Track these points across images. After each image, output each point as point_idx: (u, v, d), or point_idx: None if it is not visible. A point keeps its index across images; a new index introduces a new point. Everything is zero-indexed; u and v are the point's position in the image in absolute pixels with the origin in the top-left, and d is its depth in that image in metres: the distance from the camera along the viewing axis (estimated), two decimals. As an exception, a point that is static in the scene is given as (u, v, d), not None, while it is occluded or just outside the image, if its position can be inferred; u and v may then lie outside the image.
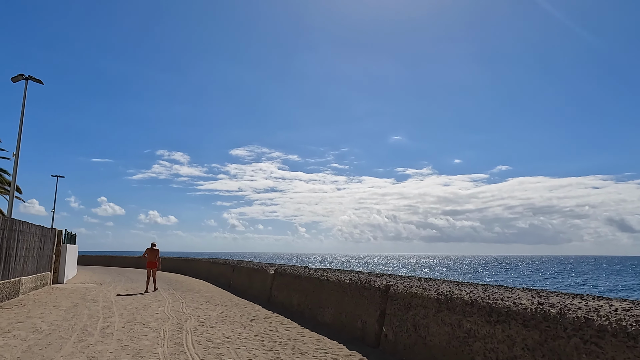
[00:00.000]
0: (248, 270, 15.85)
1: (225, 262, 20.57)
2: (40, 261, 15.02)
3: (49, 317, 9.43)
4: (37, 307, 10.85)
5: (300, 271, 11.00)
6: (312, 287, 9.58)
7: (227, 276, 18.79)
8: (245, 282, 15.73)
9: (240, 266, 17.29)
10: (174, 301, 12.81)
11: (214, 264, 22.83)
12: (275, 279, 12.41)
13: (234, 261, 19.94)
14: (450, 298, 5.31)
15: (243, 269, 16.66)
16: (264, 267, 14.28)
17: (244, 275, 16.15)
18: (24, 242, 12.78)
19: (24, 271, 13.06)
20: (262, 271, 13.86)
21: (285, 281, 11.49)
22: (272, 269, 13.15)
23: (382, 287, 6.91)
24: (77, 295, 13.80)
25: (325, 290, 8.87)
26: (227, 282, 18.44)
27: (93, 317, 9.51)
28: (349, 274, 9.16)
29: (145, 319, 9.39)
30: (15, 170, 15.05)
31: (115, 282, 20.29)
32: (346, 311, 7.83)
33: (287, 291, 11.15)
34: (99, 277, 23.82)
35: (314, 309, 9.20)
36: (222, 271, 20.42)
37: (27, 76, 15.63)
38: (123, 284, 18.90)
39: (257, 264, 15.91)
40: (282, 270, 12.22)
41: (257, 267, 14.84)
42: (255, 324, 9.05)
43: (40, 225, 14.47)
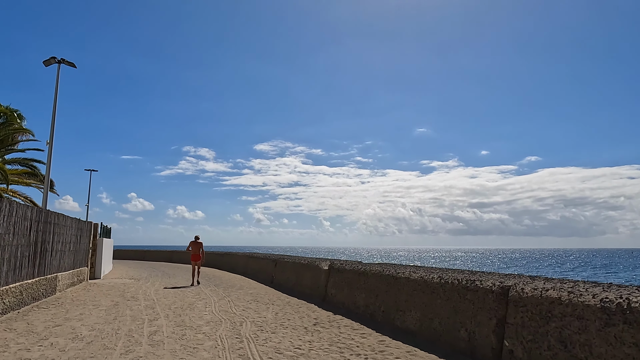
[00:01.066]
0: (294, 265, 14.64)
1: (266, 257, 19.46)
2: (77, 256, 14.21)
3: (89, 319, 8.41)
4: (75, 307, 9.90)
5: (363, 267, 9.67)
6: (385, 285, 8.23)
7: (269, 272, 17.66)
8: (292, 278, 14.53)
9: (284, 261, 16.11)
10: (219, 299, 11.71)
11: (252, 259, 21.79)
12: (331, 275, 11.12)
13: (275, 255, 18.80)
14: (628, 307, 3.86)
15: (287, 264, 15.47)
16: (314, 262, 13.02)
17: (290, 270, 14.96)
18: (59, 235, 11.91)
19: (61, 267, 12.21)
20: (313, 267, 12.61)
21: (345, 278, 10.19)
22: (326, 264, 11.88)
23: (496, 289, 5.49)
24: (116, 293, 12.89)
25: (405, 290, 7.50)
26: (269, 278, 17.32)
27: (137, 319, 8.44)
28: (431, 270, 7.76)
29: (194, 321, 8.26)
30: (50, 159, 14.28)
31: (152, 277, 19.50)
32: (439, 317, 6.44)
33: (348, 290, 9.85)
34: (135, 272, 23.17)
35: (390, 311, 7.86)
36: (261, 266, 19.32)
37: (59, 59, 14.83)
38: (160, 280, 18.05)
39: (304, 259, 14.68)
40: (338, 265, 10.92)
41: (306, 262, 13.60)
42: (321, 328, 7.78)
43: (76, 217, 13.65)
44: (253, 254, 22.66)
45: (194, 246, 16.32)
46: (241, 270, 22.85)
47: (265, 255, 20.14)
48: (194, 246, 16.32)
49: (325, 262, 12.27)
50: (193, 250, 16.22)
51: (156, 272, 23.27)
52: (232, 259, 25.93)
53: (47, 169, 14.48)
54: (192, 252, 16.20)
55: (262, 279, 18.11)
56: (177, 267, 29.24)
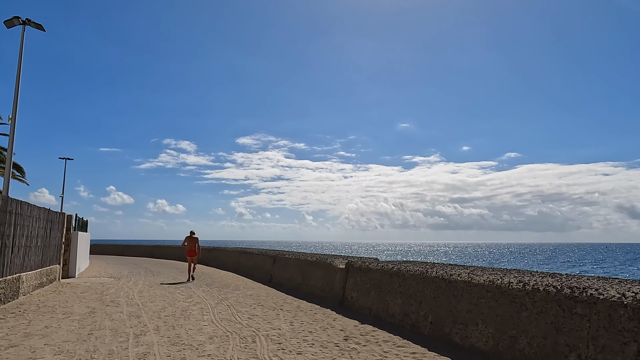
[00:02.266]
0: (299, 263, 12.95)
1: (261, 253, 17.71)
2: (46, 252, 12.23)
3: (56, 334, 6.57)
4: (40, 316, 8.02)
5: (396, 266, 8.05)
6: (433, 290, 6.64)
7: (266, 269, 15.95)
8: (295, 277, 12.84)
9: (285, 257, 14.41)
10: (216, 303, 9.97)
11: (245, 254, 20.01)
12: (350, 275, 9.48)
13: (273, 251, 17.06)
14: None
15: (290, 261, 13.77)
16: (324, 259, 11.37)
17: (293, 268, 13.27)
18: (23, 228, 9.95)
19: (25, 265, 10.26)
20: (325, 265, 10.95)
21: (370, 279, 8.56)
22: (342, 262, 10.23)
23: (633, 303, 3.93)
24: (93, 295, 10.99)
25: (466, 298, 5.92)
26: (266, 276, 15.60)
27: (119, 333, 6.64)
28: (501, 272, 6.19)
29: (193, 336, 6.52)
30: (12, 136, 12.13)
31: (134, 275, 17.55)
32: (528, 335, 4.87)
33: (377, 293, 8.22)
34: (115, 269, 21.12)
35: (442, 323, 6.27)
36: (256, 263, 17.58)
37: (24, 20, 12.65)
38: (144, 278, 16.14)
39: (310, 255, 13.00)
40: (360, 264, 9.28)
41: (314, 259, 11.93)
42: (356, 345, 6.14)
43: (45, 207, 11.65)
44: (245, 249, 20.87)
45: (190, 241, 16.09)
46: (232, 267, 21.06)
47: (260, 251, 18.39)
48: (189, 241, 16.09)
49: (340, 260, 10.63)
50: (189, 246, 16.00)
51: (138, 269, 21.27)
52: (221, 254, 24.08)
53: (10, 148, 12.37)
54: (188, 247, 15.99)
55: (258, 278, 16.38)
56: (160, 263, 27.22)
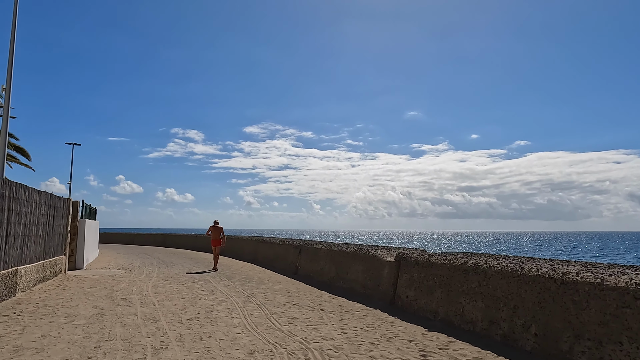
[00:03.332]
0: (331, 254, 11.50)
1: (283, 242, 16.29)
2: (50, 242, 10.90)
3: (53, 348, 5.16)
4: (38, 320, 6.64)
5: (471, 260, 6.55)
6: (536, 293, 5.13)
7: (290, 260, 14.54)
8: (328, 270, 11.41)
9: (313, 247, 12.97)
10: (244, 301, 8.57)
11: (264, 244, 18.63)
12: (403, 270, 7.99)
13: (298, 241, 15.62)
14: None
15: (320, 251, 12.32)
16: (366, 250, 9.90)
17: (324, 260, 11.82)
18: (21, 214, 8.59)
19: (24, 257, 8.91)
20: (367, 257, 9.48)
21: (433, 276, 7.06)
22: (390, 254, 8.75)
23: None
24: (102, 291, 9.64)
25: (595, 306, 4.41)
26: (291, 267, 14.20)
27: (134, 346, 5.24)
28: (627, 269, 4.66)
29: (228, 350, 5.09)
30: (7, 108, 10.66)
31: (147, 266, 16.25)
32: None
33: (443, 293, 6.73)
34: (125, 259, 19.87)
35: (556, 338, 4.77)
36: (278, 253, 16.19)
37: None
38: (157, 270, 14.83)
39: (346, 246, 11.54)
40: (416, 257, 7.79)
41: (352, 250, 10.46)
42: (443, 366, 4.68)
43: (46, 192, 10.27)
44: (264, 239, 19.49)
45: (214, 231, 15.81)
46: (249, 257, 19.71)
47: (281, 240, 16.98)
48: (214, 231, 15.82)
49: (386, 251, 9.16)
50: (213, 235, 15.76)
51: (150, 259, 20.01)
52: (236, 243, 22.74)
53: (4, 122, 10.88)
54: (213, 237, 15.77)
55: (281, 269, 14.99)
56: (172, 252, 26.00)
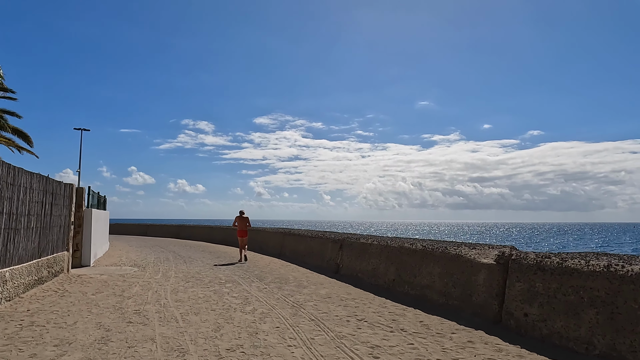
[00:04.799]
0: (388, 251, 9.38)
1: (317, 235, 14.22)
2: (47, 236, 8.96)
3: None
4: (14, 352, 4.66)
5: None
6: None
7: (328, 256, 12.49)
8: (385, 271, 9.30)
9: (359, 242, 10.87)
10: (292, 315, 6.53)
11: (292, 237, 16.61)
12: (515, 278, 5.83)
13: (339, 234, 13.50)
14: None
15: (371, 247, 10.21)
16: (444, 247, 7.76)
17: (378, 258, 9.72)
18: (3, 201, 6.61)
19: (9, 257, 6.95)
20: (448, 258, 7.35)
21: (580, 288, 4.90)
22: (487, 255, 6.61)
23: None
24: (110, 299, 7.67)
25: None
26: (329, 265, 12.15)
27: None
28: None
29: None
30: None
31: (162, 262, 14.35)
32: None
33: (601, 315, 4.59)
34: (138, 253, 18.01)
35: None
36: (311, 247, 14.15)
37: None
38: (174, 267, 12.90)
39: (410, 241, 9.40)
40: (538, 260, 5.63)
41: (422, 247, 8.33)
42: None
43: (40, 174, 8.29)
44: (291, 231, 17.47)
45: (240, 221, 15.26)
46: (274, 251, 17.74)
47: (315, 233, 14.91)
48: (240, 221, 15.26)
49: (479, 250, 7.01)
50: (240, 226, 15.24)
51: (165, 253, 18.14)
52: (258, 235, 20.76)
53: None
54: (239, 227, 15.25)
55: (316, 266, 12.94)
56: (188, 245, 24.16)
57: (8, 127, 17.63)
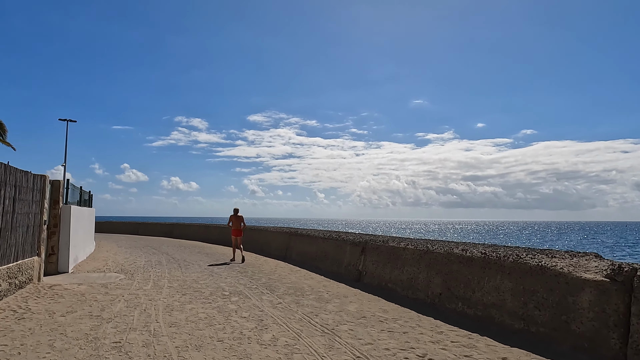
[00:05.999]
0: (427, 257, 7.68)
1: (331, 236, 12.48)
2: (5, 238, 7.16)
3: None
4: None
5: None
6: None
7: (345, 261, 10.80)
8: (426, 281, 7.62)
9: (388, 246, 9.16)
10: (328, 350, 4.83)
11: (299, 237, 14.89)
12: None
13: (360, 235, 11.75)
14: None
15: (405, 252, 8.51)
16: (514, 255, 6.09)
17: (413, 265, 8.02)
18: None
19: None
20: (526, 269, 5.67)
21: None
22: (592, 269, 4.94)
23: None
24: (83, 323, 5.90)
25: None
26: (349, 271, 10.46)
27: None
28: None
29: None
30: None
31: (153, 266, 12.56)
32: None
33: None
34: (127, 255, 16.19)
35: None
36: (324, 250, 12.44)
37: None
38: (168, 273, 11.12)
39: (456, 244, 7.70)
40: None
41: (479, 254, 6.65)
42: None
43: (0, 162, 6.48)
44: (298, 231, 15.74)
45: (235, 220, 14.74)
46: (278, 254, 16.02)
47: (328, 234, 13.18)
48: (234, 220, 14.74)
49: (573, 260, 5.35)
50: (234, 225, 14.69)
51: (157, 255, 16.33)
52: (259, 235, 19.02)
53: None
54: (233, 226, 14.70)
55: (331, 273, 11.24)
56: (182, 245, 22.34)
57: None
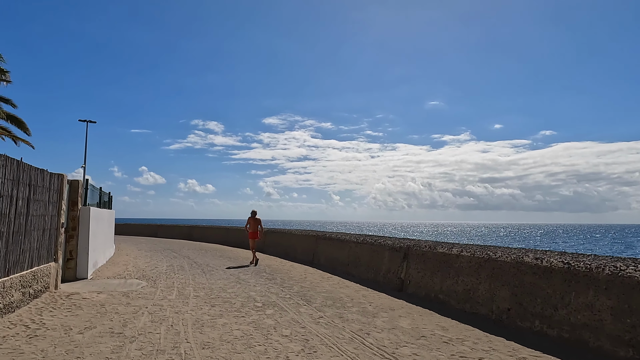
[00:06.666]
0: (488, 265, 6.70)
1: (365, 241, 11.54)
2: (22, 243, 6.45)
3: None
4: None
5: None
6: None
7: (384, 268, 9.87)
8: (487, 293, 6.65)
9: (436, 252, 8.19)
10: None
11: (328, 241, 14.00)
12: None
13: (399, 240, 10.77)
14: None
15: (459, 260, 7.53)
16: (608, 267, 5.10)
17: (471, 274, 7.05)
18: None
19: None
20: (633, 285, 4.68)
21: None
22: None
23: None
24: (103, 342, 5.09)
25: None
26: (389, 279, 9.53)
27: None
28: None
29: None
30: None
31: (176, 271, 11.83)
32: None
33: None
34: (148, 259, 15.54)
35: None
36: (357, 256, 11.53)
37: None
38: (192, 279, 10.36)
39: (528, 252, 6.71)
40: None
41: (556, 263, 5.65)
42: None
43: (5, 155, 5.76)
44: (326, 234, 14.86)
45: (253, 223, 14.60)
46: (304, 258, 15.16)
47: (360, 238, 12.25)
48: (252, 223, 14.60)
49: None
50: (252, 228, 14.60)
51: (179, 259, 15.64)
52: (283, 238, 18.19)
53: None
54: (251, 229, 14.61)
55: (367, 280, 10.31)
56: (202, 248, 21.67)
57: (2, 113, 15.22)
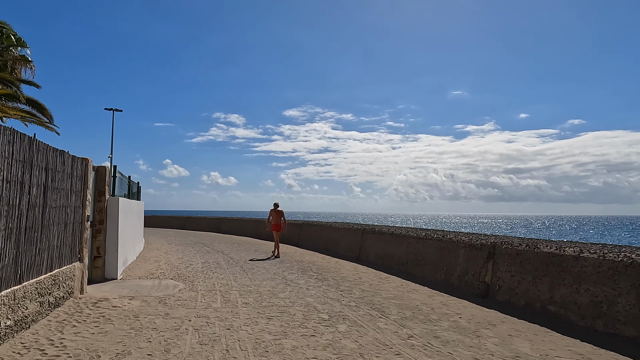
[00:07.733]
0: (626, 271, 5.13)
1: (429, 236, 9.98)
2: (31, 242, 5.21)
3: None
4: None
5: None
6: None
7: (459, 268, 8.35)
8: (627, 306, 5.09)
9: (537, 251, 6.62)
10: None
11: (377, 235, 12.53)
12: None
13: (479, 236, 9.17)
14: None
15: (581, 262, 5.97)
16: None
17: (599, 281, 5.47)
18: None
19: None
20: None
21: None
22: None
23: None
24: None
25: None
26: (467, 283, 8.01)
27: None
28: None
29: None
30: None
31: (214, 269, 10.57)
32: None
33: None
34: (180, 255, 14.38)
35: None
36: (420, 253, 10.02)
37: None
38: (233, 279, 9.07)
39: None
40: None
41: None
42: None
43: (14, 129, 4.50)
44: (375, 227, 13.39)
45: (275, 215, 14.36)
46: (349, 254, 13.74)
47: (419, 232, 10.72)
48: (274, 215, 14.36)
49: None
50: (274, 220, 14.33)
51: (213, 254, 14.43)
52: (323, 232, 16.81)
53: None
54: (273, 221, 14.34)
55: (434, 282, 8.81)
56: (233, 242, 20.50)
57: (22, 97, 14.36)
